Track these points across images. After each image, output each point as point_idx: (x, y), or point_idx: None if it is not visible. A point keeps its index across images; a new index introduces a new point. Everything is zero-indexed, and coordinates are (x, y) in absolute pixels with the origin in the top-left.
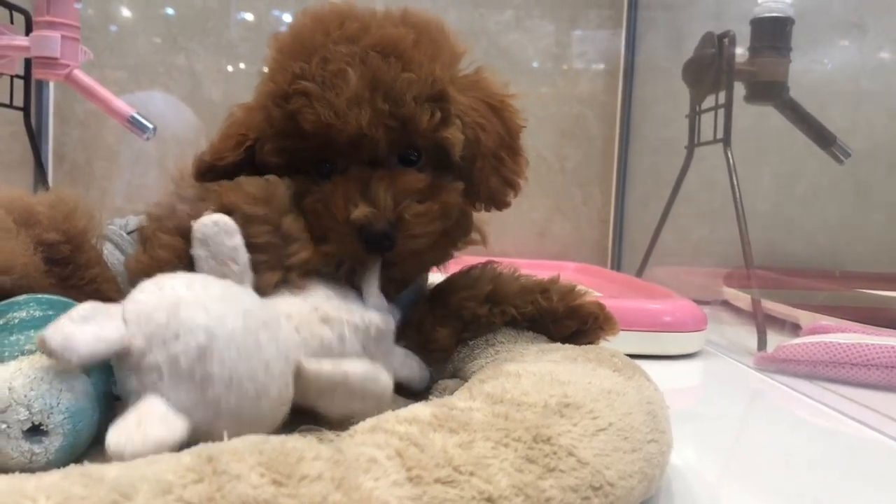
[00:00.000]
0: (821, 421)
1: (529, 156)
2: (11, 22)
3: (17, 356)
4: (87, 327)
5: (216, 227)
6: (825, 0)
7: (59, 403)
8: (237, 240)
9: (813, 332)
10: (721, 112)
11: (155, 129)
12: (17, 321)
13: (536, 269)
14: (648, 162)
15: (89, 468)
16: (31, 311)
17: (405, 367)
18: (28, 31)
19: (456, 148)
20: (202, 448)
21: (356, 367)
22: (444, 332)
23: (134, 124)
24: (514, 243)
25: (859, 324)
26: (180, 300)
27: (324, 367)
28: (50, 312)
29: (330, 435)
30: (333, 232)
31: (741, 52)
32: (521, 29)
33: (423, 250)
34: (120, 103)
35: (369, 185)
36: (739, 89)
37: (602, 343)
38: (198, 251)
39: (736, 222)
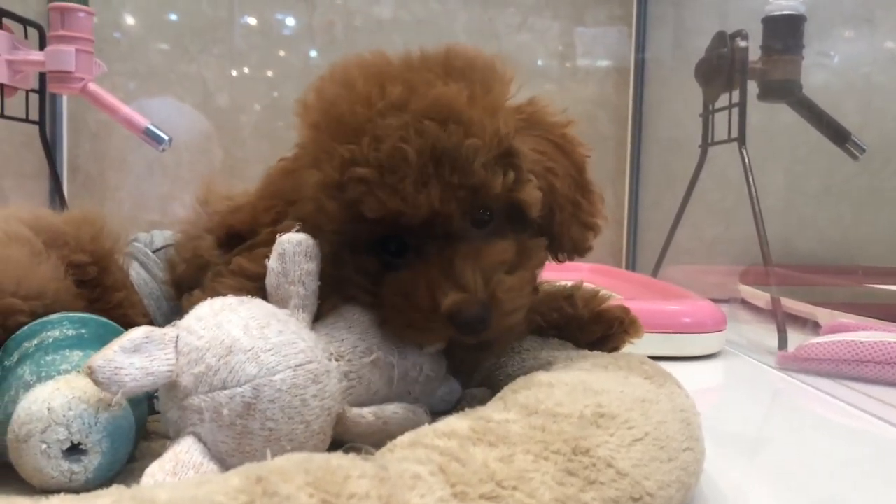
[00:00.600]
0: (847, 420)
1: None
2: (26, 37)
3: (54, 376)
4: (136, 360)
5: (298, 247)
6: None
7: (97, 423)
8: (313, 266)
9: (834, 330)
10: (735, 111)
11: (170, 140)
12: (51, 340)
13: (551, 272)
14: (661, 161)
15: (140, 491)
16: (65, 330)
17: (444, 399)
18: (42, 45)
19: (535, 207)
20: (249, 468)
21: (397, 412)
22: (473, 355)
23: (149, 136)
24: None
25: (879, 321)
26: (234, 344)
27: (365, 416)
28: (83, 331)
29: (370, 449)
30: (420, 321)
31: (753, 50)
32: (531, 30)
33: (518, 321)
34: (135, 115)
35: (453, 265)
36: (752, 88)
37: (627, 346)
38: (274, 264)
39: (751, 220)
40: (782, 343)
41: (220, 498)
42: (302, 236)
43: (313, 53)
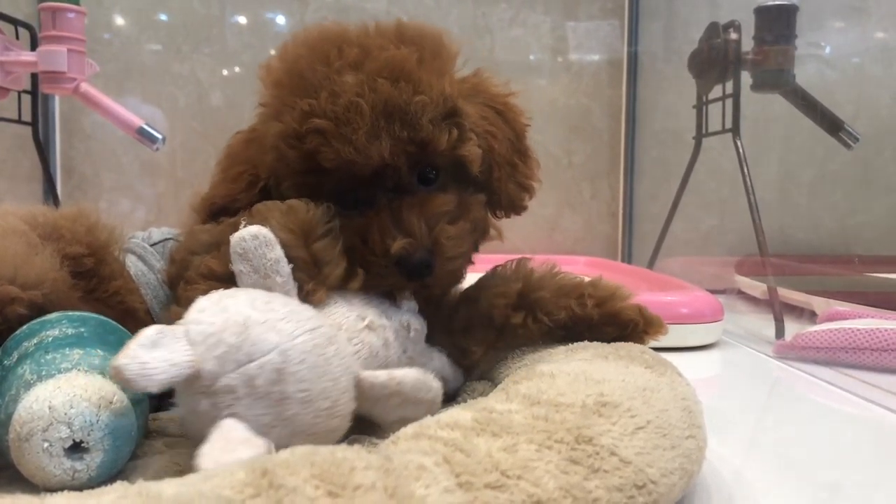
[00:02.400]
0: (845, 407)
1: (537, 152)
2: (17, 37)
3: (55, 374)
4: (158, 353)
5: (256, 241)
6: None
7: (98, 420)
8: (278, 251)
9: (830, 318)
10: (729, 102)
11: (164, 139)
12: (50, 339)
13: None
14: (655, 154)
15: (146, 486)
16: (64, 329)
17: (444, 367)
18: (33, 45)
19: (475, 164)
20: (253, 462)
21: (408, 375)
22: (477, 348)
23: (143, 135)
24: (524, 239)
25: (875, 309)
26: (248, 320)
27: (379, 377)
28: (82, 329)
29: (373, 439)
30: (373, 265)
31: (746, 41)
32: (523, 25)
33: (459, 267)
34: (128, 114)
35: (401, 214)
36: (745, 78)
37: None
38: (238, 266)
39: (746, 211)
40: (779, 332)
41: (227, 492)
42: (255, 229)
43: None
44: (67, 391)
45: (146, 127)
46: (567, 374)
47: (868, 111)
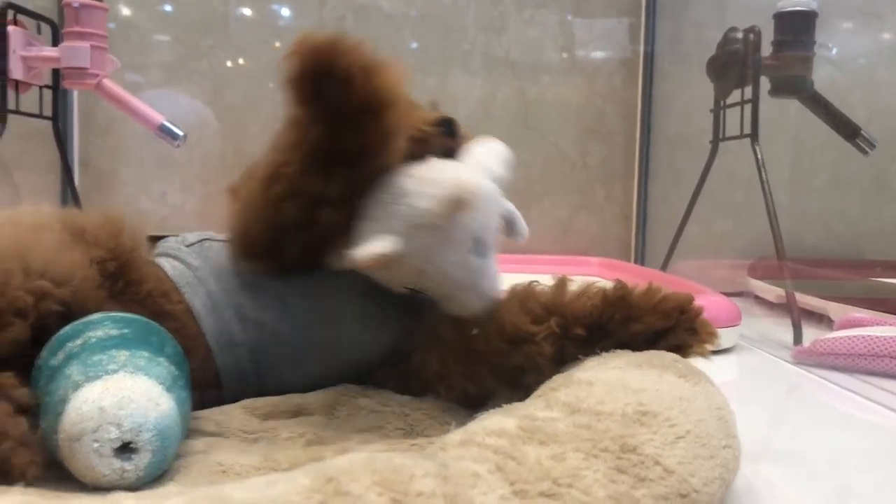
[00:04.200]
0: (864, 414)
1: (552, 153)
2: (39, 32)
3: (102, 376)
4: None
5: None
6: None
7: (147, 421)
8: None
9: (848, 325)
10: (747, 107)
11: (185, 136)
12: (94, 340)
13: (561, 266)
14: (669, 157)
15: (215, 492)
16: (108, 330)
17: None
18: (54, 40)
19: None
20: (315, 469)
21: None
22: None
23: (164, 132)
24: (538, 240)
25: (890, 315)
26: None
27: None
28: (125, 330)
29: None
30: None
31: (765, 46)
32: (539, 24)
33: None
34: (150, 111)
35: None
36: (763, 83)
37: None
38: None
39: (758, 214)
40: (797, 338)
41: (294, 498)
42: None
43: None
44: (116, 393)
45: (167, 124)
46: (604, 382)
47: (882, 117)
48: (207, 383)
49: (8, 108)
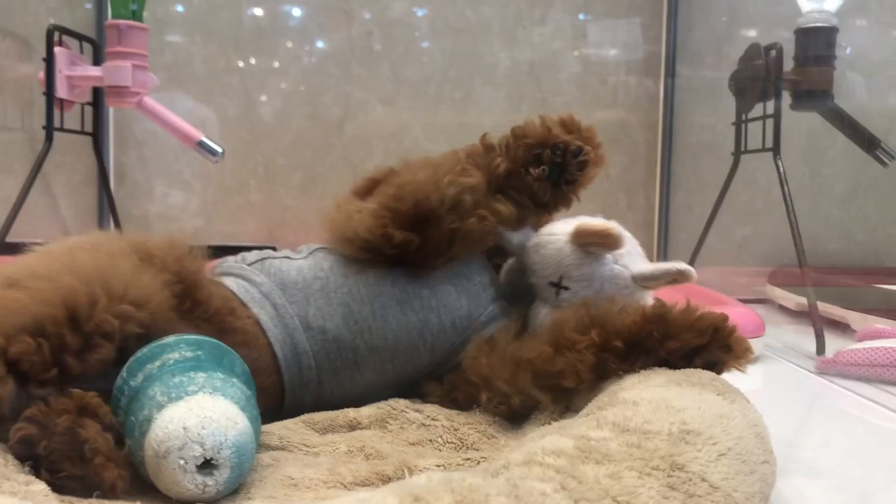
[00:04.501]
0: (890, 425)
1: None
2: (81, 51)
3: (183, 396)
4: None
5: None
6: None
7: (226, 439)
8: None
9: (869, 336)
10: (769, 122)
11: (224, 152)
12: (171, 362)
13: None
14: (691, 166)
15: None
16: (183, 352)
17: None
18: (96, 59)
19: None
20: (400, 487)
21: None
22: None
23: (203, 148)
24: None
25: None
26: None
27: None
28: (199, 353)
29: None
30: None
31: (786, 60)
32: (562, 38)
33: None
34: (189, 128)
35: None
36: (784, 97)
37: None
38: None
39: (777, 222)
40: (820, 348)
41: None
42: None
43: (355, 67)
44: (199, 413)
45: (206, 140)
46: (648, 401)
47: None
48: (272, 393)
49: (54, 126)
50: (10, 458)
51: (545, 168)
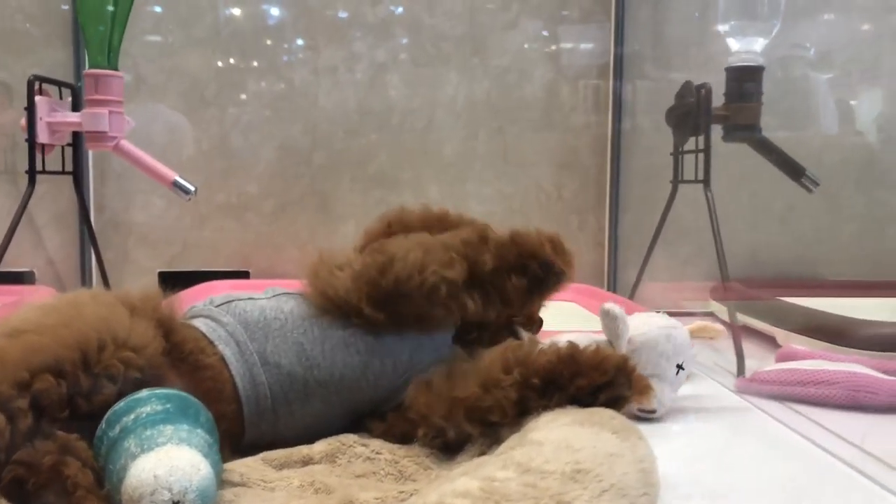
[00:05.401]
0: (792, 446)
1: (532, 187)
2: (60, 97)
3: (154, 448)
4: None
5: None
6: None
7: (191, 484)
8: None
9: (786, 357)
10: (701, 156)
11: (196, 190)
12: (144, 415)
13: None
14: (639, 189)
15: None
16: (154, 406)
17: None
18: (74, 101)
19: None
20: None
21: None
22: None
23: (177, 187)
24: None
25: (828, 347)
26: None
27: None
28: (168, 405)
29: (409, 487)
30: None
31: (717, 96)
32: (517, 71)
33: None
34: (163, 168)
35: None
36: (716, 129)
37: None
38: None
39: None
40: (740, 369)
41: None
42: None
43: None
44: (167, 463)
45: (180, 180)
46: (552, 441)
47: (835, 144)
48: (233, 419)
49: (36, 169)
50: (3, 500)
51: (526, 282)
